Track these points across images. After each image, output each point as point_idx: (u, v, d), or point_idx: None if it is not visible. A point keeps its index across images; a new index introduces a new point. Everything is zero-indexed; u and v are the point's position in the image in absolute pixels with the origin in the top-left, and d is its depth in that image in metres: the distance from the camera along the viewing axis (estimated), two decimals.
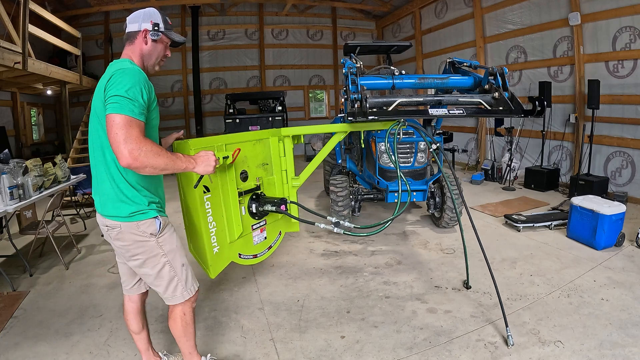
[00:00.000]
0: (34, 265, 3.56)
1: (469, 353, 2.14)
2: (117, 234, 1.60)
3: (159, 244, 1.65)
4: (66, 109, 6.92)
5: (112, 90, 1.41)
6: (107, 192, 1.57)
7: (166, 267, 1.68)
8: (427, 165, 4.16)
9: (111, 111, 1.39)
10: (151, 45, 1.67)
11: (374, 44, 5.09)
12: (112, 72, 1.47)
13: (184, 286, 1.75)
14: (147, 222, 1.61)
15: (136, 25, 1.65)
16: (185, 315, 1.80)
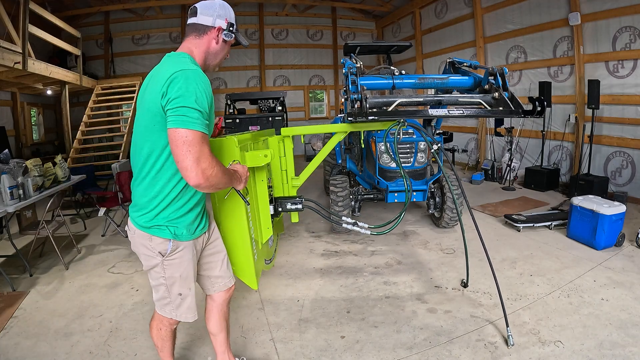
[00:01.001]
0: (34, 265, 3.56)
1: (469, 353, 2.14)
2: (131, 236, 1.57)
3: (163, 265, 1.54)
4: (66, 109, 6.93)
5: (178, 100, 1.27)
6: (138, 195, 1.49)
7: (162, 287, 1.59)
8: (427, 165, 4.16)
9: (179, 126, 1.27)
10: (221, 46, 1.53)
11: (374, 44, 5.09)
12: (173, 72, 1.30)
13: (175, 309, 1.64)
14: (159, 239, 1.49)
15: (210, 19, 1.47)
16: (160, 331, 1.73)
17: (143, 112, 1.40)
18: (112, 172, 5.06)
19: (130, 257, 3.75)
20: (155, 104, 1.32)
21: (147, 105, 1.36)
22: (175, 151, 1.28)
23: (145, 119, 1.38)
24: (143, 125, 1.40)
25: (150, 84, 1.38)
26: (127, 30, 9.33)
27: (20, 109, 7.46)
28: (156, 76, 1.37)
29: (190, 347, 2.29)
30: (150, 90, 1.36)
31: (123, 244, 4.16)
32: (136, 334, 2.43)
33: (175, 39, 9.56)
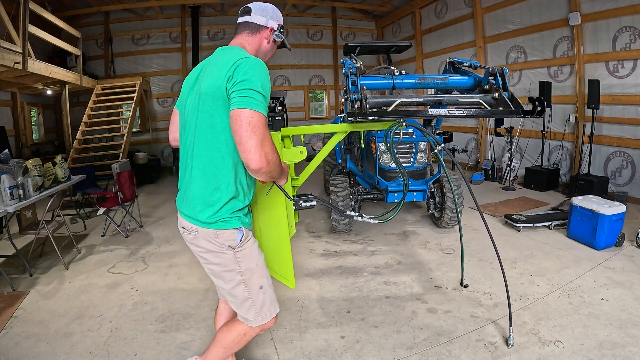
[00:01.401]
0: (34, 265, 3.56)
1: (469, 353, 2.14)
2: (193, 238, 1.45)
3: (237, 259, 1.45)
4: (66, 109, 6.92)
5: (244, 82, 1.26)
6: (196, 189, 1.40)
7: (240, 286, 1.49)
8: (427, 165, 4.16)
9: (246, 106, 1.24)
10: (271, 45, 1.59)
11: (374, 44, 5.09)
12: (239, 58, 1.31)
13: (258, 311, 1.53)
14: (227, 232, 1.41)
15: (264, 19, 1.53)
16: (245, 336, 1.60)
17: (201, 100, 1.37)
18: (112, 172, 5.06)
19: (130, 257, 3.76)
20: (218, 89, 1.31)
21: (205, 90, 1.34)
22: (239, 132, 1.24)
23: (205, 106, 1.35)
24: (202, 114, 1.36)
25: (208, 71, 1.39)
26: (127, 30, 9.32)
27: (20, 109, 7.46)
28: (216, 64, 1.38)
29: (190, 347, 2.29)
30: (210, 76, 1.35)
31: (123, 244, 4.16)
32: (136, 334, 2.43)
33: (175, 39, 9.56)
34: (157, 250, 3.95)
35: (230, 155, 1.37)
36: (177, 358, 2.20)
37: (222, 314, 1.85)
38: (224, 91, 1.30)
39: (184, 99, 1.52)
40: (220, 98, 1.31)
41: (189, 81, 1.52)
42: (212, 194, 1.39)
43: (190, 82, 1.51)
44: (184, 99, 1.51)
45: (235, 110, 1.26)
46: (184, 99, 1.52)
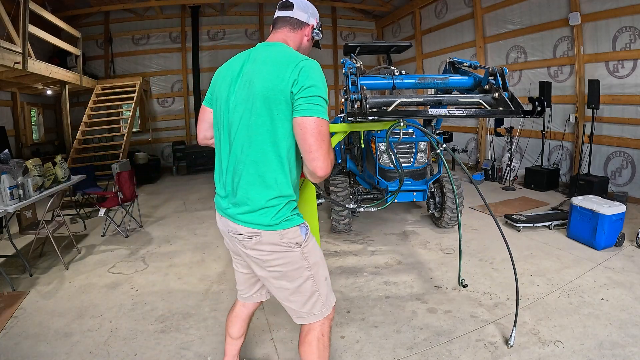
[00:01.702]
0: (34, 265, 3.56)
1: (469, 353, 2.14)
2: (254, 244, 1.38)
3: (304, 255, 1.43)
4: (66, 109, 6.92)
5: (313, 89, 1.26)
6: (254, 195, 1.35)
7: (308, 282, 1.47)
8: (427, 165, 4.16)
9: (315, 114, 1.25)
10: (309, 43, 1.56)
11: (374, 44, 5.09)
12: (300, 60, 1.29)
13: (324, 302, 1.52)
14: (292, 230, 1.40)
15: (305, 15, 1.50)
16: (324, 337, 1.54)
17: (256, 102, 1.31)
18: (112, 172, 5.07)
19: (130, 257, 3.76)
20: (281, 92, 1.27)
21: (263, 92, 1.29)
22: (309, 140, 1.25)
23: (263, 109, 1.30)
24: (260, 117, 1.31)
25: (258, 69, 1.33)
26: (127, 30, 9.32)
27: (20, 109, 7.46)
28: (266, 62, 1.33)
29: (190, 347, 2.29)
30: (265, 76, 1.30)
31: (123, 244, 4.16)
32: (136, 334, 2.43)
33: (175, 39, 9.56)
34: (157, 250, 3.95)
35: (288, 159, 1.36)
36: (177, 358, 2.20)
37: (239, 317, 1.79)
38: (288, 95, 1.27)
39: (222, 96, 1.42)
40: (283, 102, 1.28)
41: (228, 77, 1.42)
42: (272, 198, 1.36)
43: (230, 78, 1.41)
44: (223, 96, 1.41)
45: (305, 118, 1.26)
46: (222, 96, 1.42)
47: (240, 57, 1.45)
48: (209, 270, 3.41)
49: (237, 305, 1.79)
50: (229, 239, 1.50)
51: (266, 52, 1.39)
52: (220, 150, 1.46)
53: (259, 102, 1.31)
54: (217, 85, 1.47)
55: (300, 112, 1.27)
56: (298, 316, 1.54)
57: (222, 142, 1.44)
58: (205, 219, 5.01)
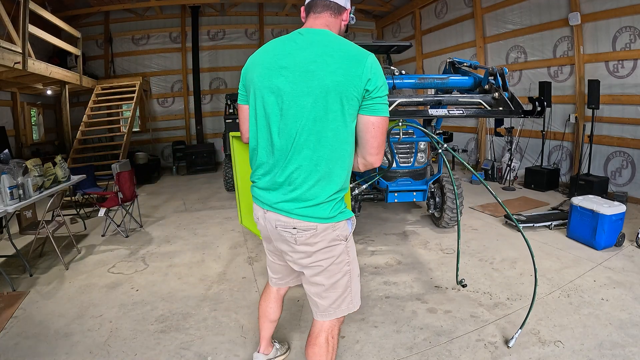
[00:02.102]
0: (34, 265, 3.56)
1: (469, 353, 2.14)
2: (308, 237, 1.37)
3: (347, 249, 1.47)
4: (66, 109, 6.92)
5: (384, 89, 1.31)
6: (317, 188, 1.34)
7: (345, 277, 1.49)
8: (427, 165, 4.16)
9: (384, 114, 1.33)
10: (345, 28, 1.49)
11: (374, 44, 5.09)
12: (367, 56, 1.28)
13: (352, 298, 1.55)
14: (343, 223, 1.42)
15: (344, 0, 1.43)
16: (333, 339, 1.57)
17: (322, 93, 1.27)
18: (112, 172, 5.07)
19: (130, 257, 3.76)
20: (354, 88, 1.26)
21: (332, 86, 1.26)
22: (379, 138, 1.36)
23: (330, 103, 1.27)
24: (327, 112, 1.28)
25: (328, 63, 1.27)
26: (127, 30, 9.32)
27: (20, 109, 7.46)
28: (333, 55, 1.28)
29: (190, 347, 2.29)
30: (335, 70, 1.26)
31: (123, 244, 4.16)
32: (136, 334, 2.43)
33: (175, 39, 9.56)
34: (157, 250, 3.95)
35: (351, 155, 1.40)
36: (177, 358, 2.20)
37: (275, 299, 1.86)
38: (361, 92, 1.28)
39: (266, 86, 1.35)
40: (355, 99, 1.29)
41: (272, 66, 1.34)
42: (332, 191, 1.37)
43: (277, 66, 1.33)
44: (269, 85, 1.34)
45: (378, 117, 1.33)
46: (266, 85, 1.35)
47: (281, 45, 1.37)
48: (209, 270, 3.41)
49: (272, 290, 1.85)
50: (275, 234, 1.46)
51: (320, 39, 1.32)
52: (269, 143, 1.39)
53: (330, 97, 1.27)
54: (256, 75, 1.39)
55: (372, 112, 1.32)
56: (325, 313, 1.53)
57: (269, 136, 1.38)
58: (205, 219, 5.01)
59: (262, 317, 1.91)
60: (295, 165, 1.34)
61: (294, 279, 1.78)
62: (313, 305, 1.56)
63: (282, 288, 1.86)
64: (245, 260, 3.57)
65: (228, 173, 6.31)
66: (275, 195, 1.41)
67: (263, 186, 1.45)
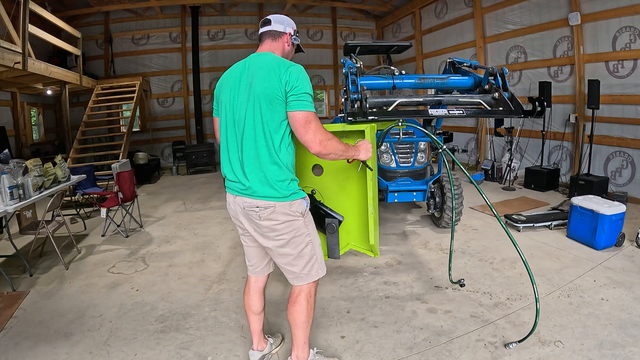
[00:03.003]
0: (34, 265, 3.56)
1: (469, 353, 2.14)
2: (269, 214, 1.68)
3: (306, 223, 1.77)
4: (66, 109, 6.93)
5: (299, 88, 1.61)
6: (267, 174, 1.65)
7: (309, 246, 1.79)
8: (427, 165, 4.16)
9: (302, 108, 1.60)
10: (290, 48, 1.88)
11: (374, 44, 5.09)
12: (289, 66, 1.63)
13: (320, 264, 1.84)
14: (297, 201, 1.72)
15: (282, 27, 1.83)
16: (311, 298, 1.85)
17: (256, 100, 1.63)
18: (112, 172, 5.07)
19: (130, 257, 3.76)
20: (278, 90, 1.61)
21: (263, 92, 1.62)
22: (299, 129, 1.61)
23: (261, 105, 1.63)
24: (257, 113, 1.63)
25: (255, 75, 1.66)
26: (127, 30, 9.32)
27: (20, 109, 7.46)
28: (261, 68, 1.66)
29: (190, 347, 2.29)
30: (263, 80, 1.62)
31: (123, 244, 4.16)
32: (136, 334, 2.43)
33: (175, 39, 9.56)
34: (157, 250, 3.95)
35: (290, 141, 1.70)
36: (177, 358, 2.20)
37: (255, 292, 2.04)
38: (283, 93, 1.61)
39: (226, 100, 1.74)
40: (278, 99, 1.61)
41: (230, 84, 1.74)
42: (282, 175, 1.67)
43: (232, 84, 1.73)
44: (227, 99, 1.73)
45: (294, 112, 1.61)
46: (226, 99, 1.74)
47: (238, 66, 1.77)
48: (209, 270, 3.41)
49: (251, 282, 2.04)
50: (244, 215, 1.75)
51: (259, 60, 1.71)
52: (229, 144, 1.74)
53: (260, 100, 1.62)
54: (222, 93, 1.79)
55: (291, 107, 1.62)
56: (298, 278, 1.82)
57: (229, 137, 1.73)
58: (205, 219, 5.01)
59: (247, 310, 2.07)
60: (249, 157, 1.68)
61: (267, 264, 2.02)
62: (286, 273, 1.84)
63: (260, 279, 2.04)
64: (245, 260, 3.57)
65: None
66: (240, 184, 1.72)
67: (231, 178, 1.76)
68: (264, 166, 1.65)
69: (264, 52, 1.78)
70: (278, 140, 1.65)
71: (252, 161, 1.66)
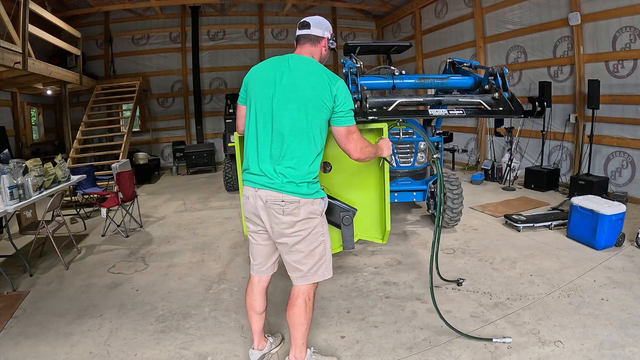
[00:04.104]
0: (34, 265, 3.56)
1: (469, 353, 2.14)
2: (293, 209, 1.73)
3: (322, 222, 1.84)
4: (66, 109, 6.92)
5: (346, 105, 1.76)
6: (299, 172, 1.73)
7: (321, 246, 1.84)
8: (427, 165, 4.16)
9: (348, 124, 1.77)
10: (327, 52, 1.95)
11: (374, 44, 5.10)
12: (336, 81, 1.75)
13: (327, 266, 1.89)
14: (318, 200, 1.80)
15: (320, 31, 1.88)
16: (310, 301, 1.88)
17: (300, 103, 1.71)
18: (112, 172, 5.07)
19: (130, 257, 3.76)
20: (326, 100, 1.72)
21: (309, 97, 1.71)
22: (344, 141, 1.78)
23: (310, 108, 1.71)
24: (302, 115, 1.71)
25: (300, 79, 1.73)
26: (127, 30, 9.32)
27: (20, 109, 7.46)
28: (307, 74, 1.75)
29: (190, 347, 2.29)
30: (310, 86, 1.72)
31: (123, 244, 4.16)
32: (136, 334, 2.43)
33: (175, 39, 9.56)
34: (157, 250, 3.95)
35: (320, 147, 1.79)
36: (177, 358, 2.20)
37: (258, 291, 2.04)
38: (330, 103, 1.73)
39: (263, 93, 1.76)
40: (325, 108, 1.73)
41: (269, 78, 1.77)
42: (308, 175, 1.75)
43: (273, 79, 1.76)
44: (265, 93, 1.76)
45: (341, 127, 1.77)
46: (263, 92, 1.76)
47: (278, 63, 1.80)
48: (209, 270, 3.41)
49: (254, 282, 2.04)
50: (264, 210, 1.77)
51: (304, 64, 1.78)
52: (259, 137, 1.77)
53: (308, 104, 1.71)
54: (256, 85, 1.81)
55: (338, 122, 1.77)
56: (304, 277, 1.86)
57: (260, 130, 1.76)
58: (205, 219, 5.01)
59: (249, 310, 2.06)
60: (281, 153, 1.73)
61: (273, 264, 2.03)
62: (293, 271, 1.87)
63: (264, 279, 2.04)
64: (245, 260, 3.57)
65: (228, 173, 6.31)
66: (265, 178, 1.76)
67: (256, 172, 1.78)
68: (299, 164, 1.72)
69: (305, 55, 1.84)
70: (319, 143, 1.76)
71: (288, 158, 1.72)
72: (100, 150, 7.58)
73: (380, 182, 2.46)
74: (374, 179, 2.52)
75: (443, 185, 4.04)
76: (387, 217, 2.38)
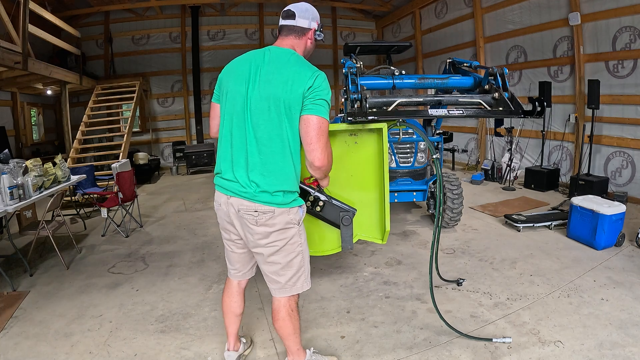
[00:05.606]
0: (34, 265, 3.56)
1: (469, 353, 2.14)
2: (267, 219, 1.60)
3: (299, 232, 1.71)
4: (66, 109, 6.92)
5: (319, 93, 1.53)
6: (275, 180, 1.58)
7: (299, 257, 1.72)
8: (427, 165, 4.16)
9: (316, 113, 1.52)
10: (312, 44, 1.76)
11: (374, 44, 5.10)
12: (313, 73, 1.54)
13: (306, 277, 1.78)
14: (295, 209, 1.67)
15: (307, 22, 1.69)
16: (293, 312, 1.79)
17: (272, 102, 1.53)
18: (112, 172, 5.07)
19: (130, 257, 3.76)
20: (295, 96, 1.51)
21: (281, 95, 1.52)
22: (307, 135, 1.53)
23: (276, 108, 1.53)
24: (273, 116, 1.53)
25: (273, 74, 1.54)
26: (127, 30, 9.32)
27: (20, 109, 7.46)
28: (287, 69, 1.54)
29: (190, 347, 2.29)
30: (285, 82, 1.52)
31: (123, 244, 4.16)
32: (136, 334, 2.43)
33: (175, 39, 9.56)
34: (157, 250, 3.95)
35: (296, 153, 1.61)
36: (177, 358, 2.20)
37: (237, 293, 1.97)
38: (301, 98, 1.52)
39: (236, 90, 1.60)
40: (298, 104, 1.53)
41: (243, 73, 1.60)
42: (284, 182, 1.60)
43: (247, 74, 1.59)
44: (239, 90, 1.59)
45: (310, 115, 1.52)
46: (236, 90, 1.60)
47: (255, 57, 1.62)
48: (209, 270, 3.41)
49: (233, 284, 1.97)
50: (237, 219, 1.66)
51: (281, 58, 1.59)
52: (234, 140, 1.61)
53: (279, 103, 1.52)
54: (230, 80, 1.64)
55: (305, 111, 1.52)
56: (282, 289, 1.74)
57: (235, 132, 1.61)
58: (205, 219, 5.01)
59: (227, 312, 1.99)
60: (255, 159, 1.58)
61: (250, 269, 1.94)
62: (271, 282, 1.76)
63: (243, 281, 1.98)
64: None
65: None
66: (238, 185, 1.62)
67: (229, 177, 1.65)
68: (273, 172, 1.57)
69: (285, 47, 1.66)
70: (295, 147, 1.58)
71: (264, 165, 1.57)
72: (100, 150, 7.58)
73: (380, 182, 2.46)
74: (373, 179, 2.52)
75: (443, 185, 4.05)
76: (387, 218, 2.38)
